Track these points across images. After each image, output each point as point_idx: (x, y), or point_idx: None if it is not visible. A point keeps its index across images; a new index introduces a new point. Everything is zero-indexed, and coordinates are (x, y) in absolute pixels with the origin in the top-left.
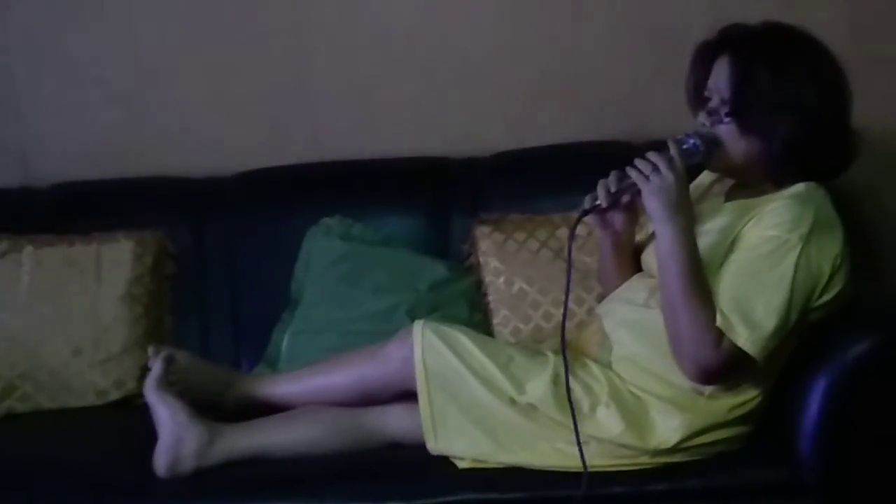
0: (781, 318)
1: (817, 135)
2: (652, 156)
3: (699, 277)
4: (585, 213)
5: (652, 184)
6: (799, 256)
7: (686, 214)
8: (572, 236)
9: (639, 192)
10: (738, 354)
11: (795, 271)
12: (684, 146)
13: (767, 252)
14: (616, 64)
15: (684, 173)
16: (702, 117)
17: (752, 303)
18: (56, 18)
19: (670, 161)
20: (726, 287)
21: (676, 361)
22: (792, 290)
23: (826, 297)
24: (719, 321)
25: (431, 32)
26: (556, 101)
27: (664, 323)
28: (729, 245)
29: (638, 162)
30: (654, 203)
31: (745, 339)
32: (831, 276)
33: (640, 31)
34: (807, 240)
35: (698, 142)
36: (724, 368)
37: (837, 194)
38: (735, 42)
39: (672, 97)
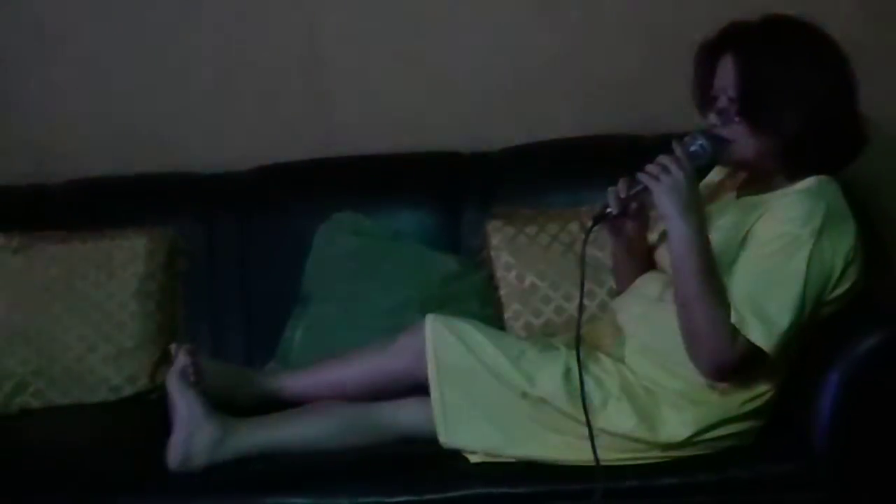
0: (795, 313)
1: (828, 124)
2: (660, 158)
3: (713, 274)
4: (596, 221)
5: (662, 183)
6: (812, 251)
7: (698, 212)
8: (584, 246)
9: (649, 195)
10: (753, 350)
11: (808, 266)
12: (691, 148)
13: (780, 248)
14: (627, 57)
15: (692, 172)
16: (712, 118)
17: (766, 299)
18: (68, 17)
19: (678, 161)
20: (740, 283)
21: (691, 358)
22: (805, 286)
23: (839, 291)
24: (733, 318)
25: (441, 27)
26: (567, 95)
27: (678, 321)
28: (741, 241)
29: (647, 167)
30: (665, 202)
31: (760, 335)
32: (844, 270)
33: (651, 23)
34: (819, 234)
35: (705, 143)
36: (739, 365)
37: (848, 187)
38: (737, 40)
39: (683, 90)
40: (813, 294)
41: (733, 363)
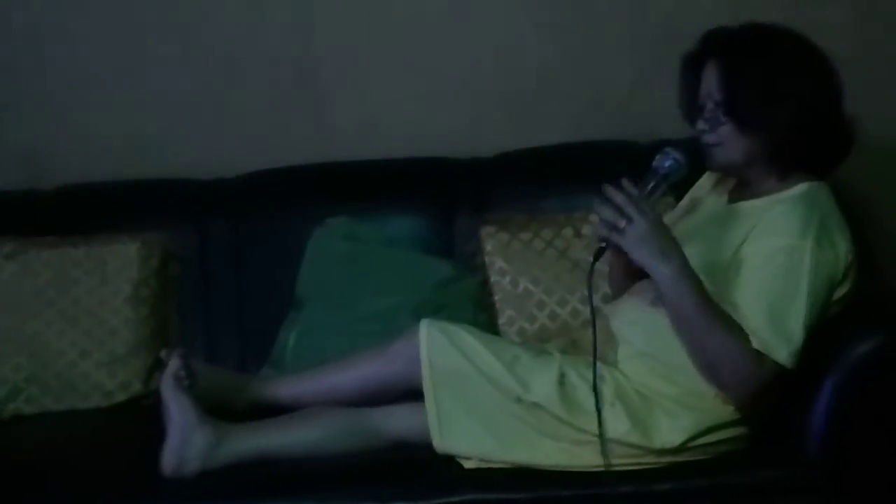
0: (809, 324)
1: (814, 123)
2: (618, 200)
3: (712, 304)
4: (596, 258)
5: (629, 236)
6: (814, 261)
7: (675, 250)
8: (591, 278)
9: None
10: (779, 369)
11: (815, 276)
12: (666, 164)
13: (783, 263)
14: (620, 62)
15: (657, 215)
16: (700, 124)
17: (785, 316)
18: (61, 21)
19: (636, 205)
20: (756, 306)
21: (721, 389)
22: (815, 296)
23: (839, 294)
24: (756, 343)
25: (434, 32)
26: (560, 101)
27: (692, 361)
28: (734, 250)
29: (604, 215)
30: (639, 254)
31: (787, 354)
32: (844, 273)
33: (644, 29)
34: (817, 242)
35: (678, 157)
36: (768, 385)
37: (838, 192)
38: (719, 46)
39: (675, 97)
40: (822, 301)
41: (763, 385)
